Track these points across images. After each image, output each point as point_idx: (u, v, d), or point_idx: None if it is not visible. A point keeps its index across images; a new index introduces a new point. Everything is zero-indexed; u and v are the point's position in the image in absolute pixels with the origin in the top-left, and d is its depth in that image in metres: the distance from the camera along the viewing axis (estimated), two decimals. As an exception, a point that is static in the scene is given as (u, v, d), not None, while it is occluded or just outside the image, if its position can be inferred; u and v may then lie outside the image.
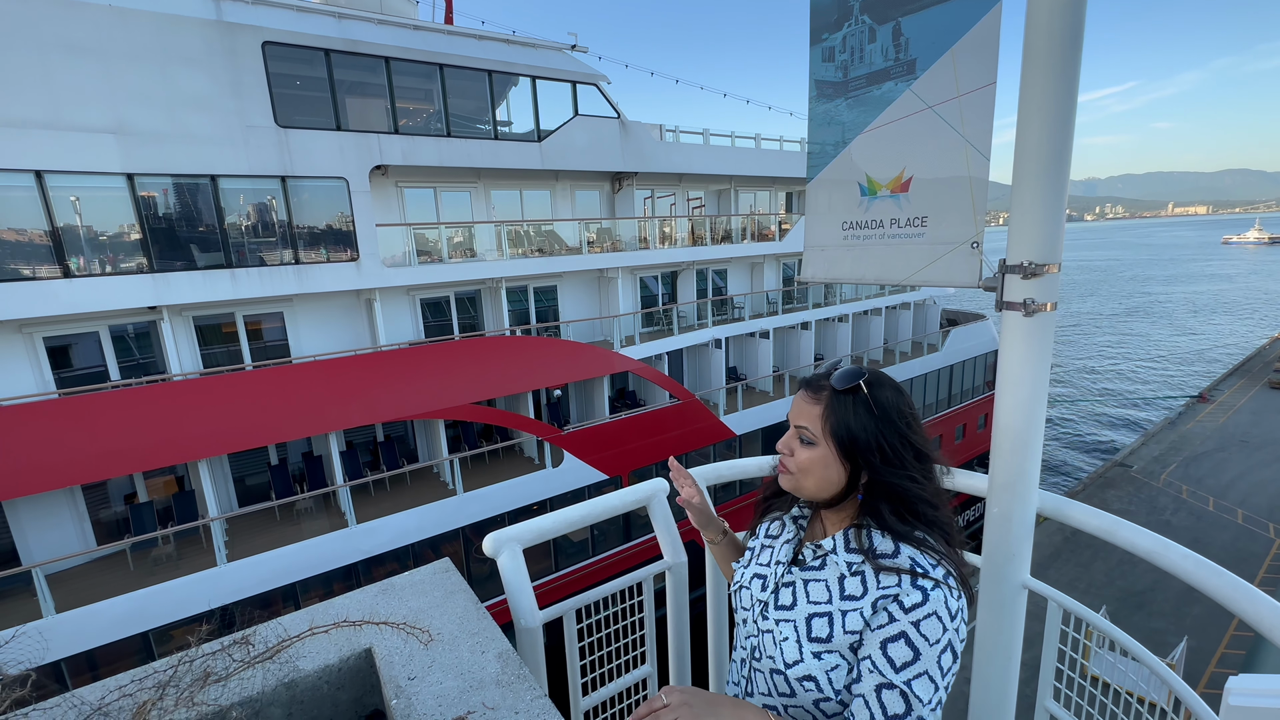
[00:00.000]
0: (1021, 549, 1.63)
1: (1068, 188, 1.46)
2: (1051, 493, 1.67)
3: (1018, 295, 1.50)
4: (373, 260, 11.68)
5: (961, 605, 0.97)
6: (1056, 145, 1.41)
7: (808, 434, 1.08)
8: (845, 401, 1.06)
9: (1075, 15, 1.36)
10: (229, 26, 9.93)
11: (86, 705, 0.86)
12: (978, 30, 1.52)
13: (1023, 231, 1.48)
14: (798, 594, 1.08)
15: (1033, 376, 1.53)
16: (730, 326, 17.44)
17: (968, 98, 1.56)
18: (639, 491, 1.84)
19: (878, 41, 1.75)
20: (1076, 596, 6.66)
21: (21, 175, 8.72)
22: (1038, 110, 1.41)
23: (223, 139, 10.08)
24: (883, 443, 1.04)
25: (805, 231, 2.09)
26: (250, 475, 12.15)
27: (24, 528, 9.71)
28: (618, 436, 14.05)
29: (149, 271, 9.77)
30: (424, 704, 1.03)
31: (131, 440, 9.27)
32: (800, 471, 1.09)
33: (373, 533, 10.88)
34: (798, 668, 1.01)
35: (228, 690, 1.04)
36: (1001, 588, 1.66)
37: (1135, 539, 1.46)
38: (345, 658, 1.16)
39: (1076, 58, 1.38)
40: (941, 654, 0.92)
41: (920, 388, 21.23)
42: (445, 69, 12.35)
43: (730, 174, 18.09)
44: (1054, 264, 1.46)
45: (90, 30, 8.90)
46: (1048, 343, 1.51)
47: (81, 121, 8.96)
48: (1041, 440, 1.57)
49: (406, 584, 1.40)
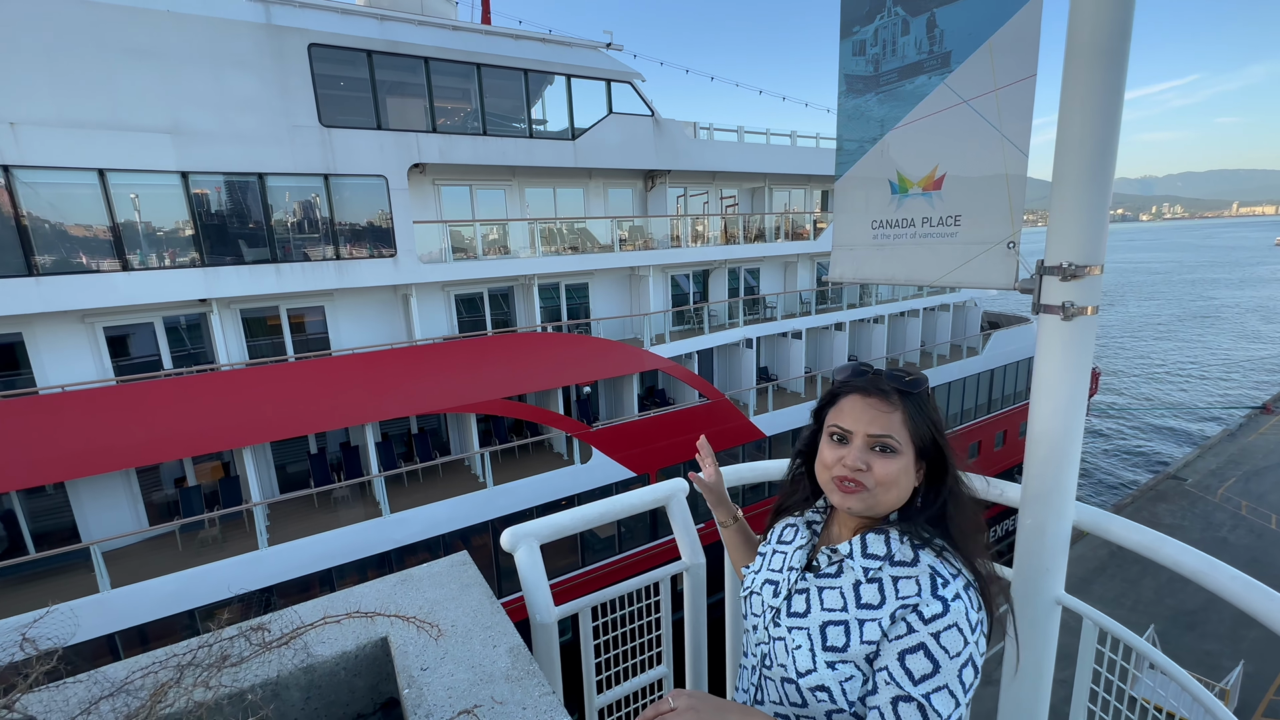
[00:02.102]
0: (1056, 563, 1.56)
1: (1112, 185, 1.39)
2: (1090, 505, 1.59)
3: (1056, 298, 1.43)
4: (410, 256, 11.96)
5: (982, 618, 0.94)
6: (1101, 140, 1.34)
7: (892, 443, 1.00)
8: (918, 404, 1.03)
9: (1124, 3, 1.29)
10: (277, 29, 10.28)
11: (110, 683, 0.90)
12: (1017, 20, 1.45)
13: (1063, 231, 1.42)
14: (811, 601, 1.04)
15: (1070, 383, 1.46)
16: (762, 326, 17.25)
17: (1006, 91, 1.50)
18: (658, 491, 1.83)
19: (911, 34, 1.70)
20: (1122, 614, 6.39)
21: (86, 174, 9.21)
22: (1081, 103, 1.34)
23: (270, 138, 10.45)
24: (942, 444, 1.03)
25: (834, 230, 2.04)
26: (291, 463, 12.59)
27: (84, 507, 10.29)
28: (646, 434, 14.06)
29: (200, 266, 10.21)
30: (434, 695, 1.05)
31: (182, 426, 9.71)
32: (882, 486, 1.00)
33: (405, 523, 11.14)
34: (810, 677, 0.98)
35: (249, 673, 1.08)
36: (1034, 603, 1.59)
37: (1180, 557, 1.38)
38: (362, 645, 1.19)
39: (1125, 47, 1.31)
40: (963, 668, 0.89)
41: (959, 392, 20.62)
42: (482, 68, 12.54)
43: (764, 172, 17.88)
44: (1096, 265, 1.39)
45: (150, 35, 9.33)
46: (1087, 348, 1.44)
47: (140, 122, 9.41)
48: (1079, 450, 1.50)
49: (424, 575, 1.43)
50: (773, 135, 17.81)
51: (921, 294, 21.24)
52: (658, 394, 16.72)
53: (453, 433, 14.23)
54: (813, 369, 18.97)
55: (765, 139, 17.80)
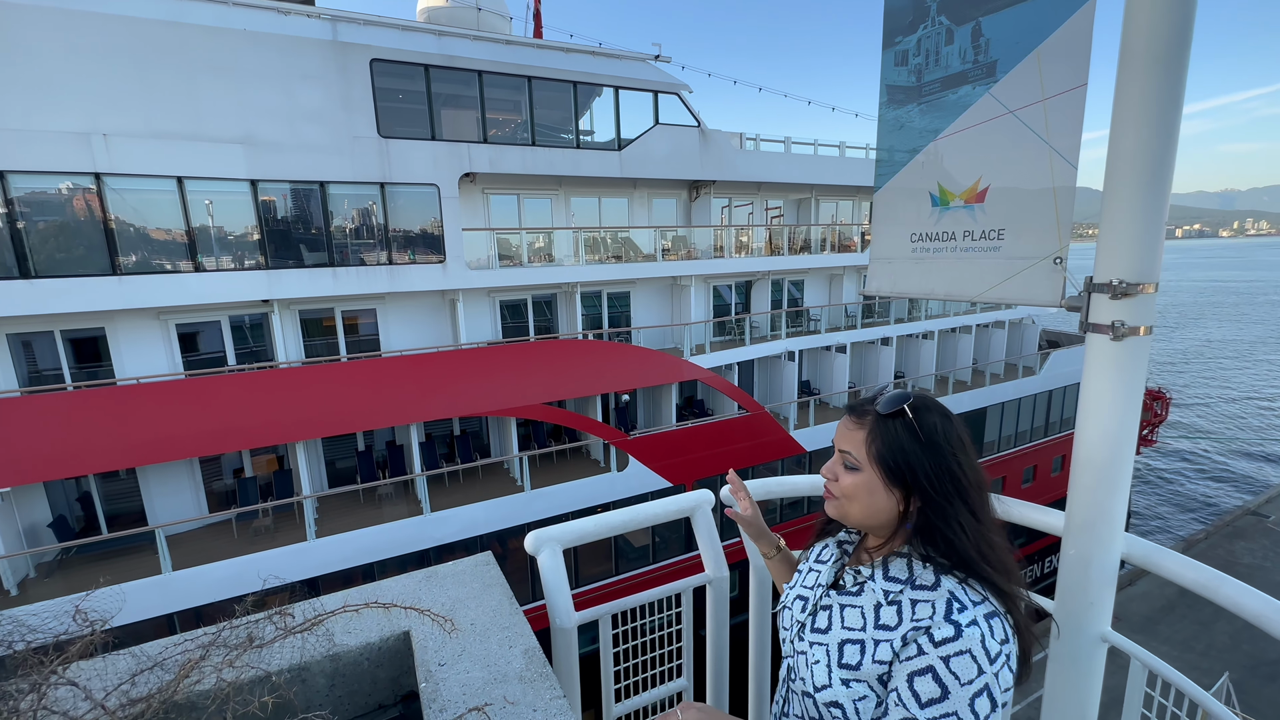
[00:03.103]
0: (1101, 598, 1.47)
1: (1169, 198, 1.31)
2: (1147, 539, 1.49)
3: (1105, 317, 1.36)
4: (458, 262, 12.32)
5: (1006, 650, 0.90)
6: (1157, 151, 1.28)
7: (851, 459, 1.05)
8: (890, 426, 1.03)
9: (1184, 8, 1.23)
10: (343, 46, 10.84)
11: (148, 658, 0.97)
12: (1068, 27, 1.40)
13: (1114, 246, 1.35)
14: (833, 618, 1.06)
15: (1120, 407, 1.38)
16: (805, 339, 16.95)
17: (1054, 101, 1.44)
18: (683, 501, 1.82)
19: (955, 43, 1.66)
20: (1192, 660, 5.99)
21: (166, 181, 9.89)
22: (1136, 112, 1.28)
23: (332, 148, 10.99)
24: (930, 470, 1.00)
25: (872, 243, 2.00)
26: (340, 459, 13.09)
27: (152, 492, 10.97)
28: (683, 444, 13.99)
29: (264, 268, 10.79)
30: (450, 690, 1.07)
31: (243, 419, 10.25)
32: (845, 497, 1.06)
33: (444, 522, 11.41)
34: (825, 693, 0.99)
35: (277, 656, 1.13)
36: (1077, 640, 1.50)
37: (1241, 599, 1.28)
38: (385, 638, 1.23)
39: (1184, 53, 1.25)
40: (975, 698, 0.86)
41: (1013, 413, 19.70)
42: (533, 81, 12.87)
43: (811, 183, 17.63)
44: (1150, 283, 1.32)
45: (228, 53, 9.99)
46: (1139, 371, 1.36)
47: (216, 133, 10.06)
48: (1129, 478, 1.42)
49: (449, 573, 1.46)
50: (821, 146, 17.58)
51: (974, 310, 20.46)
52: (696, 404, 16.62)
53: (493, 435, 14.51)
54: (856, 384, 18.49)
55: (813, 149, 17.58)
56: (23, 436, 8.98)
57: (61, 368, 10.27)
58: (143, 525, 10.31)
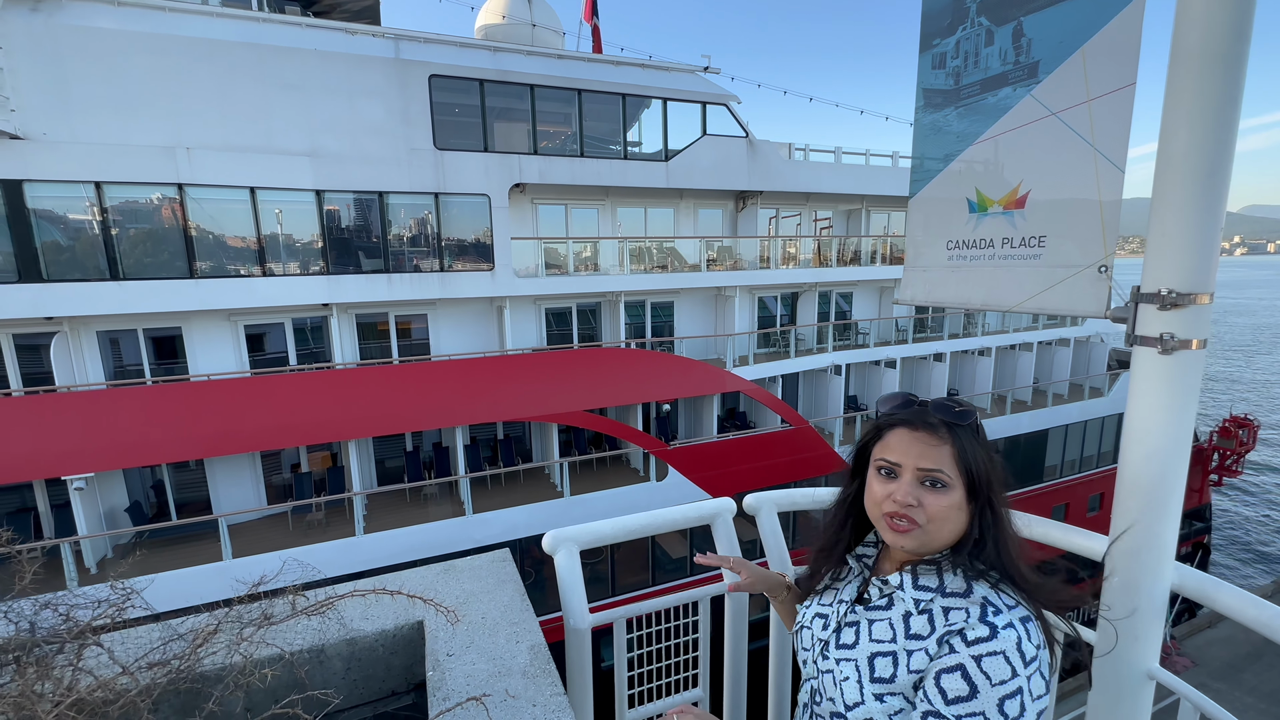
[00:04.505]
0: (1149, 631, 1.37)
1: (1225, 203, 1.22)
2: (1195, 568, 1.38)
3: (1153, 329, 1.28)
4: (506, 270, 12.64)
5: (1041, 656, 0.87)
6: (1213, 152, 1.20)
7: (943, 477, 0.96)
8: (968, 435, 0.99)
9: (1243, 2, 1.15)
10: (404, 63, 11.37)
11: (172, 631, 1.03)
12: (1116, 24, 1.33)
13: (1163, 254, 1.27)
14: (861, 633, 1.02)
15: (1172, 426, 1.29)
16: (853, 353, 16.52)
17: (1100, 101, 1.37)
18: (703, 509, 1.80)
19: (995, 44, 1.60)
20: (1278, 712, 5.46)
21: (240, 191, 10.58)
22: (1189, 113, 1.21)
23: (391, 160, 11.52)
24: (997, 479, 0.98)
25: (906, 251, 1.94)
26: (389, 459, 13.57)
27: (217, 483, 11.67)
28: (724, 457, 13.83)
29: (325, 274, 11.37)
30: (454, 680, 1.09)
31: (302, 417, 10.79)
32: (934, 522, 0.96)
33: (486, 523, 11.63)
34: (859, 710, 0.95)
35: (301, 637, 1.18)
36: (1120, 675, 1.40)
37: (1306, 640, 1.16)
38: (400, 626, 1.27)
39: (1243, 49, 1.17)
40: (1006, 699, 0.83)
41: (1078, 436, 18.58)
42: (583, 94, 13.14)
43: (862, 193, 17.24)
44: (1204, 294, 1.23)
45: (299, 71, 10.64)
46: (1192, 387, 1.27)
47: (286, 146, 10.71)
48: (1180, 501, 1.32)
49: (466, 567, 1.49)
50: (872, 156, 17.19)
51: (1036, 326, 19.48)
52: (739, 416, 16.43)
53: (535, 441, 14.74)
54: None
55: (864, 160, 17.21)
56: (108, 426, 9.72)
57: (143, 363, 11.09)
58: (208, 514, 10.96)
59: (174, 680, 0.86)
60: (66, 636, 0.83)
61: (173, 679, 0.86)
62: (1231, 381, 49.31)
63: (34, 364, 10.47)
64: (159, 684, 0.83)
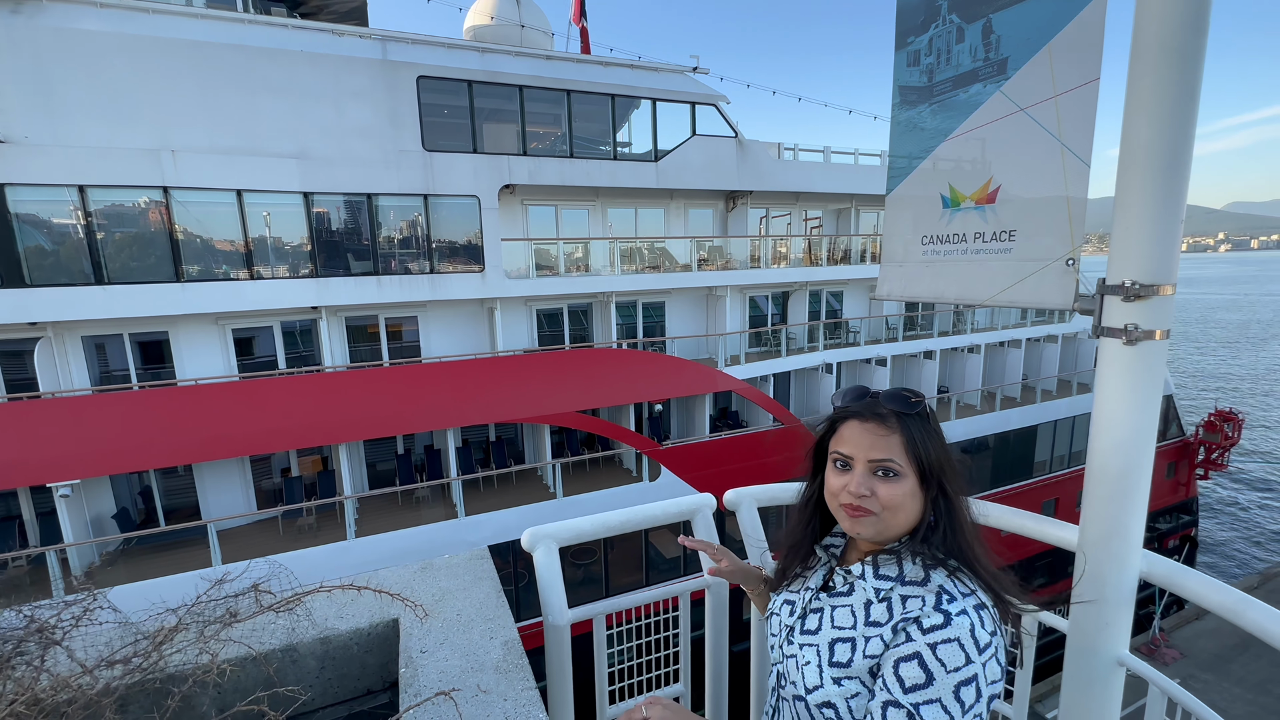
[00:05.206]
0: (1118, 618, 1.39)
1: (1186, 195, 1.25)
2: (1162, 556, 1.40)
3: (1118, 320, 1.30)
4: (496, 272, 12.61)
5: (996, 642, 0.90)
6: (1172, 145, 1.22)
7: (894, 466, 0.99)
8: (917, 424, 1.01)
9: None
10: (391, 64, 11.32)
11: (137, 631, 1.03)
12: (1079, 21, 1.36)
13: (1127, 246, 1.29)
14: (824, 619, 1.05)
15: (1136, 415, 1.31)
16: (844, 351, 16.60)
17: (1066, 97, 1.40)
18: (683, 504, 1.81)
19: (966, 41, 1.62)
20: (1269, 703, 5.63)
21: (227, 194, 10.50)
22: (1149, 106, 1.23)
23: (379, 162, 11.46)
24: (949, 465, 1.00)
25: (883, 246, 1.96)
26: (381, 461, 13.50)
27: (206, 489, 11.56)
28: (716, 456, 13.85)
29: (314, 277, 11.29)
30: (427, 676, 1.09)
31: (291, 421, 10.71)
32: (889, 510, 0.99)
33: (478, 525, 11.59)
34: (818, 693, 0.98)
35: (273, 636, 1.17)
36: (1091, 663, 1.42)
37: (1269, 626, 1.18)
38: (375, 624, 1.26)
39: (1200, 42, 1.19)
40: (961, 686, 0.85)
41: (1066, 432, 18.75)
42: (573, 94, 13.13)
43: (851, 192, 17.33)
44: (1166, 285, 1.25)
45: (286, 73, 10.57)
46: (1155, 376, 1.29)
47: (273, 149, 10.64)
48: (1147, 490, 1.34)
49: (443, 565, 1.49)
50: (861, 155, 17.28)
51: (1025, 323, 19.64)
52: (730, 416, 16.46)
53: (528, 442, 14.70)
54: (898, 398, 17.94)
55: (853, 159, 17.29)
56: (94, 432, 9.61)
57: (129, 368, 10.97)
58: (197, 520, 10.85)
59: (139, 680, 0.86)
60: (24, 636, 0.83)
61: (137, 678, 0.86)
62: (1213, 378, 49.89)
63: (18, 370, 10.35)
64: (120, 683, 0.83)
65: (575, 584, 12.73)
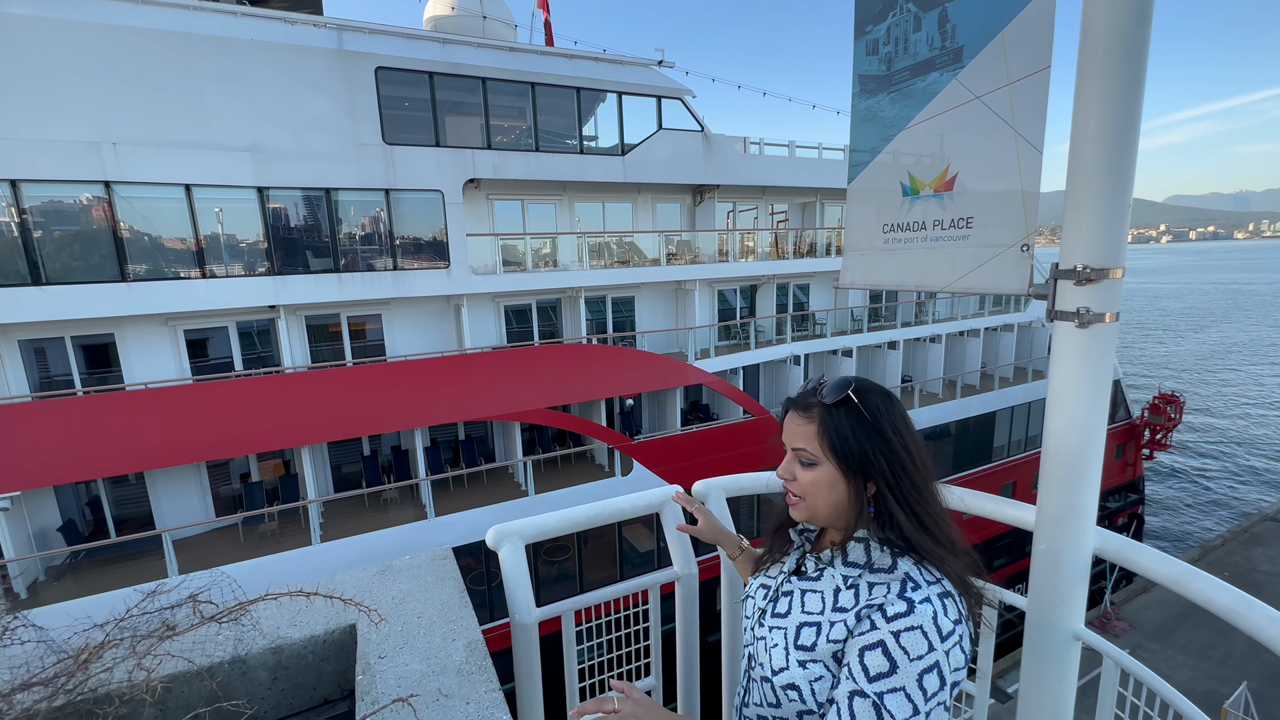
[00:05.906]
0: (1073, 594, 1.43)
1: (1133, 183, 1.28)
2: (1113, 532, 1.45)
3: (1071, 304, 1.33)
4: (462, 268, 12.38)
5: (960, 630, 0.91)
6: (1119, 133, 1.25)
7: (806, 455, 1.04)
8: (839, 415, 1.03)
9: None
10: (348, 54, 10.97)
11: (60, 649, 0.96)
12: (1030, 10, 1.38)
13: (1078, 232, 1.32)
14: (794, 603, 1.07)
15: (1088, 396, 1.34)
16: (811, 343, 16.85)
17: (1019, 85, 1.42)
18: (650, 497, 1.79)
19: (923, 30, 1.63)
20: (1209, 669, 5.90)
21: (174, 189, 10.04)
22: (1097, 94, 1.25)
23: (337, 156, 11.11)
24: (883, 454, 1.00)
25: (845, 235, 1.97)
26: (346, 464, 13.16)
27: (160, 497, 11.08)
28: (688, 449, 13.93)
29: (271, 274, 10.90)
30: (385, 683, 1.05)
31: (250, 424, 10.33)
32: (808, 495, 1.04)
33: (449, 526, 11.41)
34: (783, 675, 0.99)
35: (219, 648, 1.11)
36: (1049, 637, 1.46)
37: (1212, 594, 1.23)
38: (330, 631, 1.21)
39: (1144, 32, 1.22)
40: (924, 673, 0.86)
41: (1023, 417, 19.45)
42: (537, 87, 12.95)
43: (816, 186, 17.58)
44: (1116, 269, 1.29)
45: (236, 62, 10.14)
46: (1106, 358, 1.33)
47: (224, 141, 10.21)
48: (1099, 469, 1.38)
49: (404, 567, 1.45)
50: (825, 149, 17.52)
51: (983, 312, 20.26)
52: (701, 409, 16.56)
53: (498, 440, 14.53)
54: (864, 388, 18.32)
55: (818, 153, 17.53)
56: (34, 441, 9.10)
57: (72, 373, 10.42)
58: (151, 529, 10.40)
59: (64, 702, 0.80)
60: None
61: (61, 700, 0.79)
62: (1155, 365, 52.42)
63: (-52, 377, 9.73)
64: (42, 706, 0.76)
65: (549, 581, 12.66)
